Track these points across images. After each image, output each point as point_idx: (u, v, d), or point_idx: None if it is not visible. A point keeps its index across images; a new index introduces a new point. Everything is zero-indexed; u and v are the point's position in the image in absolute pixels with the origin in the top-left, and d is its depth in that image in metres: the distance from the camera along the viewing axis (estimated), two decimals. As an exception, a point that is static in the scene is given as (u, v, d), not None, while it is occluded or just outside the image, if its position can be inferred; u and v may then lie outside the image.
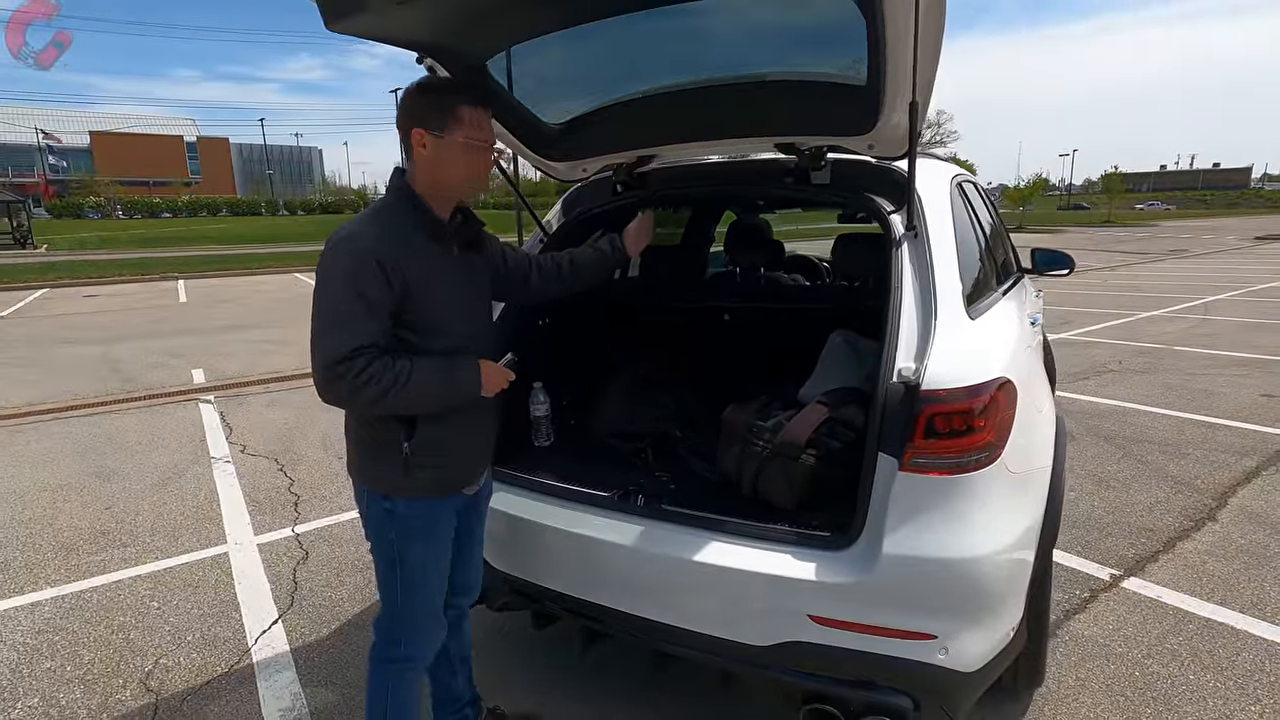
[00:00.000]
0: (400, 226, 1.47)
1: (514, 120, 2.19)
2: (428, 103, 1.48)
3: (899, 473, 1.53)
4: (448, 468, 1.61)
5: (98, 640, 2.58)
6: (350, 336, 1.38)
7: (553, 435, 2.40)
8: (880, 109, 1.74)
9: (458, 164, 1.50)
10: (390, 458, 1.53)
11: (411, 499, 1.57)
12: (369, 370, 1.38)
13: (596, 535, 1.83)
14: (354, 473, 1.63)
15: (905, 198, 1.87)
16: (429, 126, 1.47)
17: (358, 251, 1.40)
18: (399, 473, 1.53)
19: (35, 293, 14.47)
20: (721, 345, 2.81)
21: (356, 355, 1.38)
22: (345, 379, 1.37)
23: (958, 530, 1.52)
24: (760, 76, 1.98)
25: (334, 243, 1.43)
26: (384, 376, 1.40)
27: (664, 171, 2.34)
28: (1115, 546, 3.13)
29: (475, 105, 1.50)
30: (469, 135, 1.49)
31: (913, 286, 1.75)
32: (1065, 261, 3.70)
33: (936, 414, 1.51)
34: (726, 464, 1.96)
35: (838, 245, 2.51)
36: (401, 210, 1.50)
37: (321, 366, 1.39)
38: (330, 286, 1.40)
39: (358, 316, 1.39)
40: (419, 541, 1.60)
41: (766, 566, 1.63)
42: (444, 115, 1.47)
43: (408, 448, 1.52)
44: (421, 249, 1.49)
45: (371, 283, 1.39)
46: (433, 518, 1.61)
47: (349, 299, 1.39)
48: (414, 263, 1.45)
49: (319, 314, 1.42)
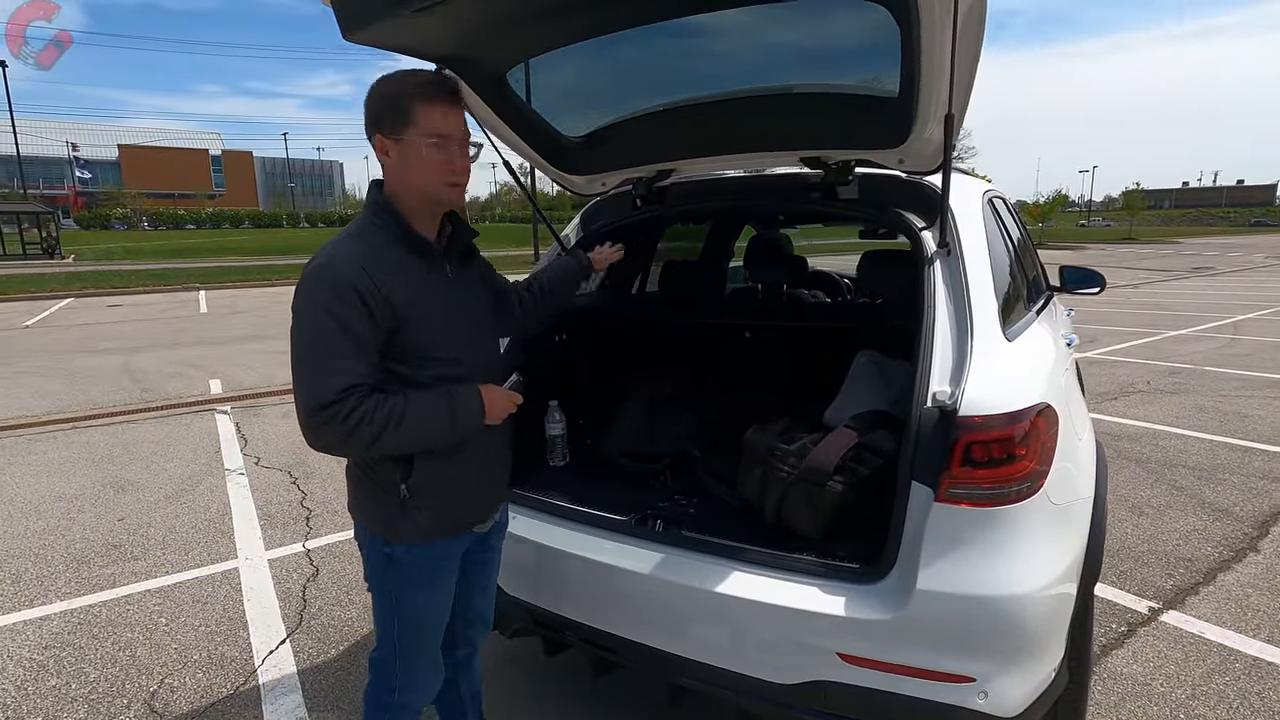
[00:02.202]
0: (381, 245, 1.33)
1: (533, 133, 2.15)
2: (382, 104, 1.32)
3: (934, 503, 1.45)
4: (453, 507, 1.48)
5: (104, 658, 2.53)
6: (335, 378, 1.24)
7: (568, 455, 2.34)
8: (913, 122, 1.68)
9: (425, 166, 1.34)
10: (387, 499, 1.41)
11: (411, 545, 1.44)
12: (358, 412, 1.25)
13: (611, 561, 1.75)
14: (353, 511, 1.51)
15: (937, 213, 1.80)
16: (386, 130, 1.33)
17: (336, 281, 1.26)
18: (397, 516, 1.41)
19: (60, 302, 14.72)
20: (742, 364, 2.74)
21: (344, 397, 1.25)
22: (333, 424, 1.24)
23: (999, 565, 1.42)
24: (786, 89, 1.92)
25: (309, 273, 1.28)
26: (375, 417, 1.26)
27: (685, 186, 2.28)
28: (1152, 577, 3.00)
29: (430, 99, 1.33)
30: (430, 132, 1.33)
31: (946, 306, 1.67)
32: (1096, 280, 3.60)
33: (975, 441, 1.43)
34: (748, 489, 1.88)
35: (863, 262, 2.44)
36: (381, 227, 1.36)
37: (306, 413, 1.25)
38: (309, 323, 1.26)
39: (342, 355, 1.26)
40: (420, 590, 1.48)
41: (792, 600, 1.54)
42: (399, 115, 1.32)
43: (405, 489, 1.39)
44: (407, 268, 1.35)
45: (355, 316, 1.26)
46: (435, 565, 1.49)
47: (331, 336, 1.25)
48: (400, 285, 1.31)
49: (298, 355, 1.27)
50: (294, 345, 1.28)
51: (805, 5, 1.66)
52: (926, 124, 1.67)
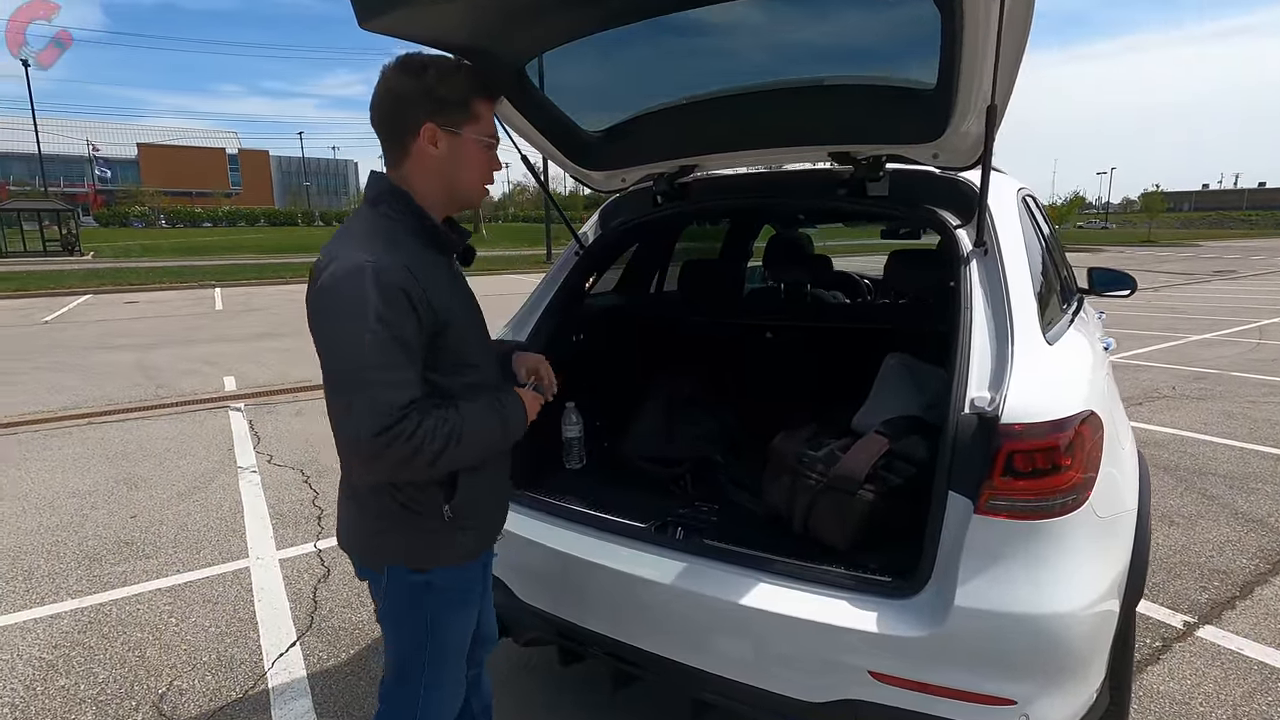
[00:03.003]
0: (410, 245, 1.21)
1: (551, 127, 2.09)
2: (440, 91, 1.22)
3: (974, 515, 1.37)
4: (491, 523, 1.43)
5: (114, 658, 2.50)
6: (395, 393, 1.10)
7: (585, 457, 2.28)
8: (950, 114, 1.60)
9: (476, 165, 1.28)
10: (429, 526, 1.29)
11: (448, 567, 1.35)
12: (423, 429, 1.11)
13: (629, 570, 1.69)
14: (369, 552, 1.34)
15: (973, 211, 1.72)
16: (443, 121, 1.22)
17: (383, 283, 1.11)
18: (441, 541, 1.31)
19: (79, 298, 14.87)
20: (764, 366, 2.67)
21: (408, 414, 1.11)
22: (397, 447, 1.09)
23: (1042, 582, 1.35)
24: (816, 81, 1.85)
25: (343, 275, 1.11)
26: (437, 434, 1.13)
27: (708, 182, 2.22)
28: (1186, 590, 2.89)
29: (491, 97, 1.28)
30: (489, 131, 1.28)
31: (984, 308, 1.60)
32: (1126, 282, 3.50)
33: (1017, 451, 1.36)
34: (774, 496, 1.81)
35: (891, 262, 2.36)
36: (407, 225, 1.24)
37: (368, 437, 1.08)
38: (353, 335, 1.10)
39: (398, 367, 1.11)
40: (457, 613, 1.39)
41: (821, 614, 1.47)
42: (460, 107, 1.23)
43: (449, 510, 1.29)
44: (436, 270, 1.25)
45: (405, 321, 1.13)
46: (471, 583, 1.41)
47: (384, 347, 1.10)
48: (437, 286, 1.21)
49: (345, 373, 1.11)
50: (337, 363, 1.12)
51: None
52: (965, 116, 1.60)
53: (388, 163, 1.29)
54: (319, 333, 1.15)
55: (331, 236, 1.25)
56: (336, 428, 1.14)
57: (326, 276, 1.14)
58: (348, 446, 1.14)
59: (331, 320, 1.12)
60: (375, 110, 1.24)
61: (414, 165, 1.25)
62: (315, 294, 1.15)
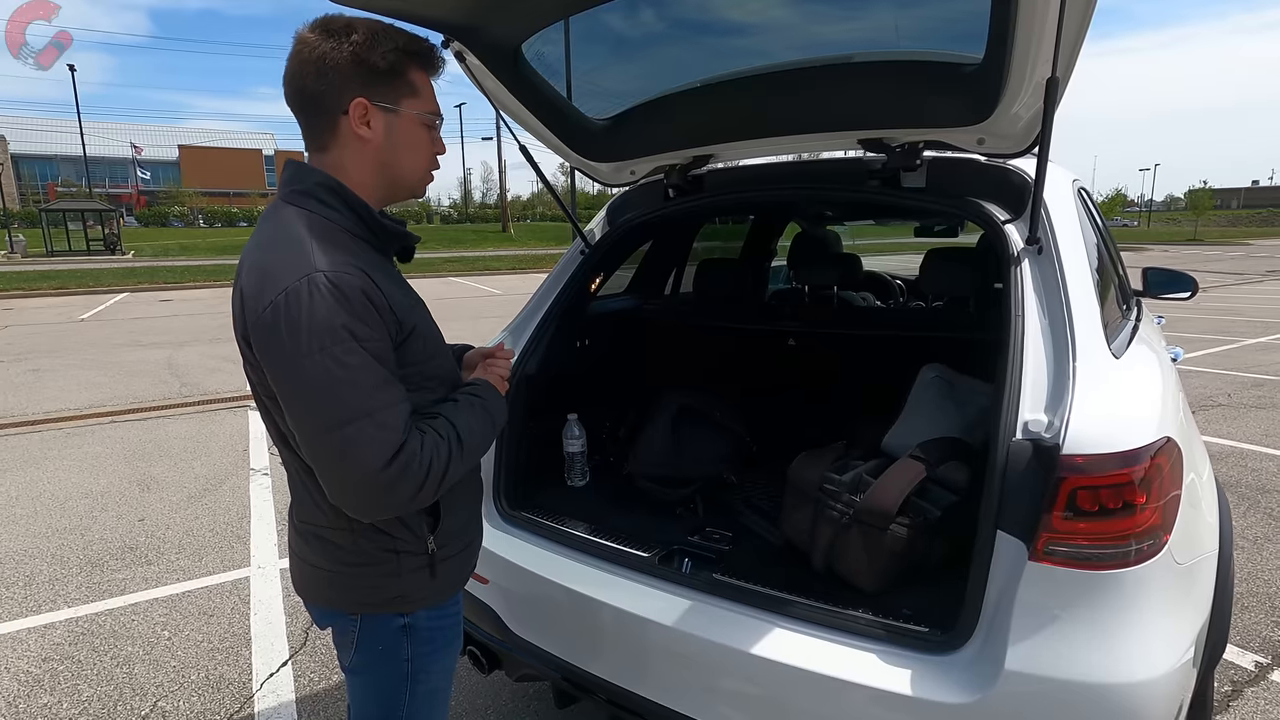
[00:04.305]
0: (348, 242, 1.01)
1: (552, 114, 1.91)
2: (371, 58, 1.00)
3: (1029, 562, 1.16)
4: (470, 546, 1.25)
5: (100, 674, 2.41)
6: (391, 414, 0.94)
7: (588, 474, 2.11)
8: (1000, 93, 1.39)
9: (415, 149, 1.08)
10: (409, 564, 1.12)
11: (432, 607, 1.18)
12: (427, 445, 0.97)
13: (629, 607, 1.51)
14: (339, 598, 1.14)
15: (1025, 203, 1.51)
16: (376, 96, 1.02)
17: (345, 293, 0.92)
18: (423, 579, 1.13)
19: (116, 296, 15.21)
20: (785, 375, 2.47)
21: (409, 435, 0.96)
22: (409, 473, 0.94)
23: (1111, 645, 1.13)
24: (844, 58, 1.65)
25: (294, 294, 0.91)
26: (441, 444, 0.99)
27: (724, 174, 2.02)
28: (1256, 626, 2.61)
29: (431, 68, 1.09)
30: (432, 107, 1.09)
31: (1039, 314, 1.38)
32: (1185, 283, 3.21)
33: (1082, 486, 1.14)
34: (793, 527, 1.61)
35: (928, 261, 2.14)
36: (344, 223, 1.03)
37: (379, 468, 0.92)
38: (329, 358, 0.90)
39: (385, 384, 0.95)
40: (442, 656, 1.23)
41: (845, 670, 1.28)
42: (395, 78, 1.03)
43: (433, 542, 1.12)
44: (385, 272, 1.06)
45: (376, 331, 0.96)
46: (453, 621, 1.24)
47: (364, 366, 0.93)
48: (394, 290, 1.03)
49: (330, 407, 0.91)
50: (318, 401, 0.92)
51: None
52: (1018, 95, 1.38)
53: (310, 147, 1.07)
54: (281, 370, 0.94)
55: (249, 244, 1.05)
56: (332, 470, 0.95)
57: (272, 302, 0.92)
58: (359, 487, 0.94)
59: (296, 351, 0.91)
60: (290, 84, 1.02)
61: (344, 150, 1.04)
62: (262, 325, 0.93)
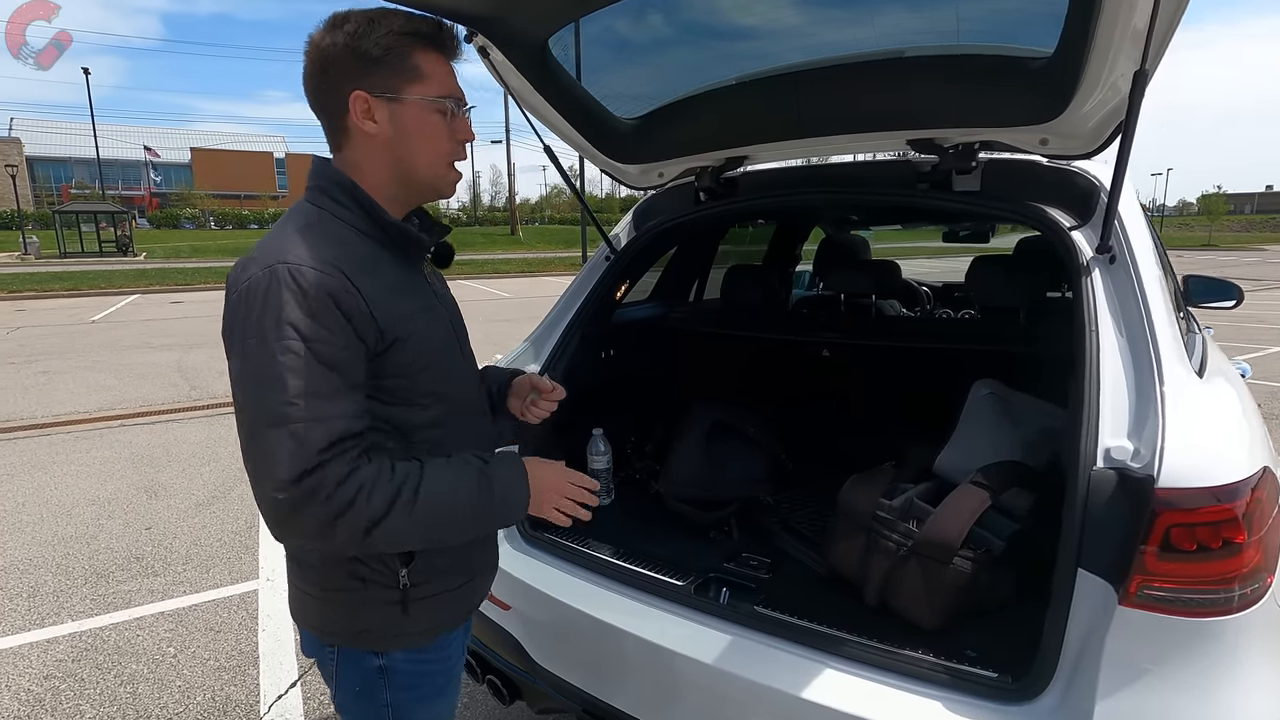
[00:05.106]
0: (348, 239, 0.95)
1: (580, 113, 1.81)
2: (364, 46, 0.93)
3: (1119, 607, 1.05)
4: (465, 586, 1.10)
5: (104, 694, 2.32)
6: (316, 429, 0.84)
7: (613, 491, 2.00)
8: (1075, 89, 1.28)
9: (428, 140, 0.98)
10: (377, 596, 1.02)
11: (412, 649, 1.07)
12: (357, 477, 0.85)
13: (661, 641, 1.40)
14: (311, 624, 1.08)
15: (1093, 208, 1.41)
16: (375, 86, 0.94)
17: (303, 288, 0.86)
18: (393, 614, 1.03)
19: (128, 298, 15.24)
20: (818, 388, 2.35)
21: (333, 456, 0.84)
22: (318, 499, 0.83)
23: (1213, 700, 1.02)
24: (895, 53, 1.54)
25: (255, 281, 0.87)
26: (376, 495, 0.86)
27: (758, 176, 1.92)
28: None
29: (439, 48, 0.98)
30: (445, 91, 0.98)
31: (1114, 330, 1.27)
32: (1230, 291, 3.06)
33: (1178, 524, 1.03)
34: (842, 557, 1.50)
35: (976, 270, 2.02)
36: (343, 217, 0.96)
37: (277, 486, 0.83)
38: (267, 352, 0.84)
39: (321, 395, 0.85)
40: (431, 701, 1.11)
41: (905, 716, 1.17)
42: (394, 63, 0.95)
43: (406, 576, 1.01)
44: (391, 274, 0.97)
45: (335, 335, 0.87)
46: (444, 668, 1.12)
47: (305, 367, 0.84)
48: (382, 295, 0.93)
49: (254, 403, 0.85)
50: (246, 394, 0.86)
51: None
52: (1093, 92, 1.27)
53: (330, 149, 1.01)
54: (229, 356, 0.90)
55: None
56: (249, 473, 0.87)
57: (237, 288, 0.89)
58: (264, 501, 0.86)
59: (242, 339, 0.87)
60: (305, 84, 0.99)
61: (356, 147, 0.98)
62: (226, 309, 0.91)
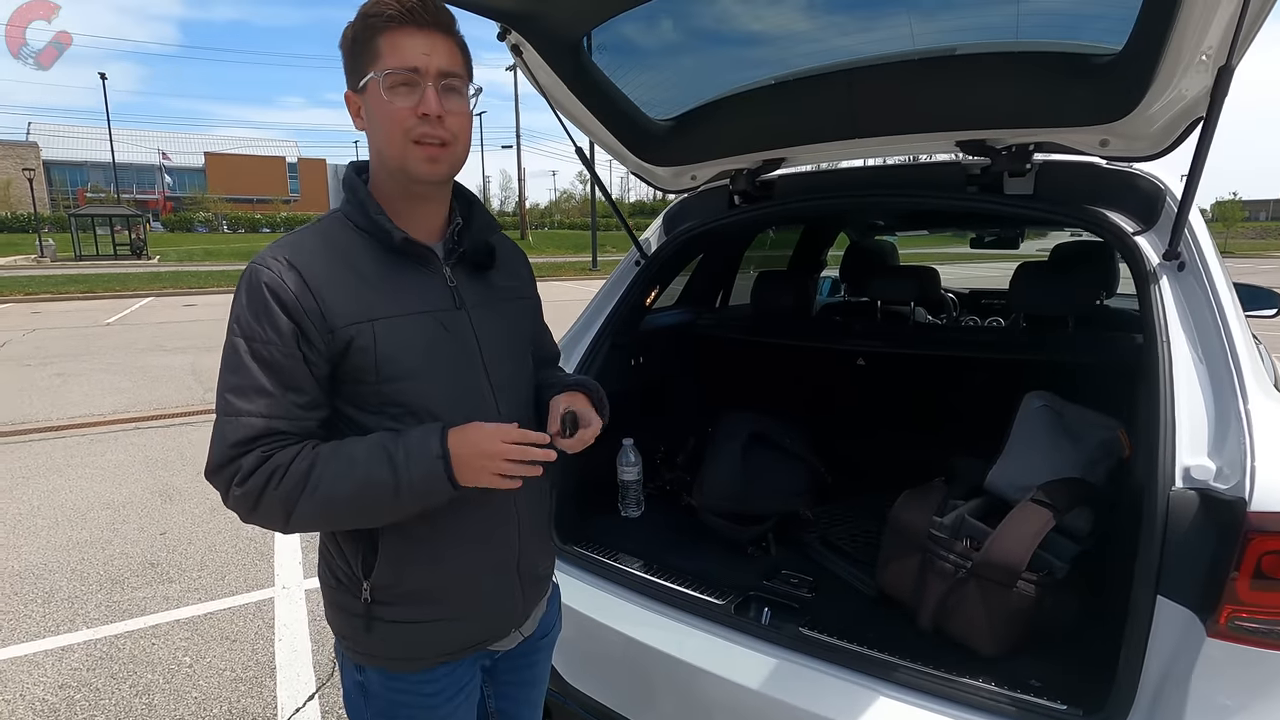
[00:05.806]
0: (336, 238, 0.95)
1: (613, 114, 1.76)
2: (345, 46, 0.95)
3: (1208, 639, 0.98)
4: (438, 623, 0.99)
5: (119, 705, 2.27)
6: (234, 426, 0.88)
7: (644, 503, 1.94)
8: (1146, 87, 1.21)
9: (383, 117, 0.92)
10: (344, 600, 0.99)
11: (386, 672, 1.00)
12: (264, 470, 0.87)
13: (699, 663, 1.34)
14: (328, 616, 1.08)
15: (1157, 213, 1.35)
16: (354, 84, 0.95)
17: (253, 286, 0.89)
18: (357, 627, 0.99)
19: (141, 300, 15.33)
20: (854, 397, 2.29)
21: (243, 452, 0.87)
22: (236, 490, 0.87)
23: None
24: (945, 50, 1.48)
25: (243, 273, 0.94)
26: (284, 477, 0.87)
27: (797, 180, 1.86)
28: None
29: (400, 22, 0.90)
30: (398, 64, 0.90)
31: (1187, 342, 1.20)
32: (1272, 299, 2.98)
33: (1273, 550, 0.96)
34: (894, 577, 1.43)
35: (1022, 276, 1.94)
36: (355, 216, 0.97)
37: (209, 470, 0.90)
38: (226, 343, 0.92)
39: (248, 391, 0.88)
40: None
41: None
42: (361, 56, 0.93)
43: (368, 588, 0.95)
44: (367, 269, 0.93)
45: (273, 334, 0.88)
46: (431, 699, 1.01)
47: (242, 363, 0.89)
48: (345, 296, 0.90)
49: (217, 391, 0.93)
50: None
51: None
52: (1165, 90, 1.21)
53: None
54: None
55: None
56: None
57: None
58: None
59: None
60: None
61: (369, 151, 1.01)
62: None
